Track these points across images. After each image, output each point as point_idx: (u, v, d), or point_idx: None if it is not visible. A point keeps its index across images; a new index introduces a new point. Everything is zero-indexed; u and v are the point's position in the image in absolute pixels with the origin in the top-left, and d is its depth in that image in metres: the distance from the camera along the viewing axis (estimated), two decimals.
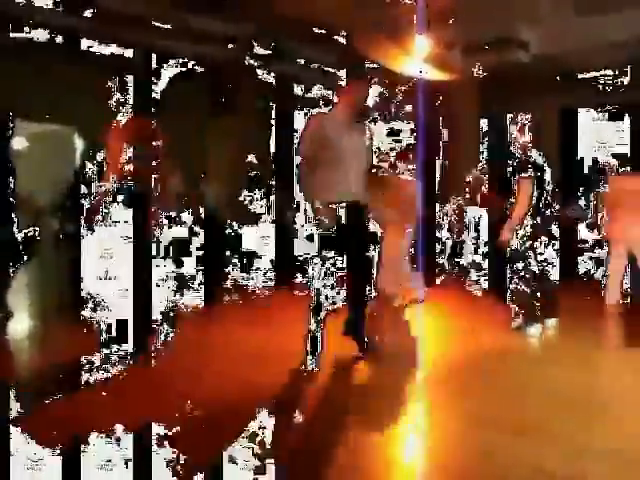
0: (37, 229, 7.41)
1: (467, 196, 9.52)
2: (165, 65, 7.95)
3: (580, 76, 9.16)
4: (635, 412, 3.70)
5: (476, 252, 9.64)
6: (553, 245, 9.07)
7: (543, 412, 3.60)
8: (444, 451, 3.16)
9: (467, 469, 2.91)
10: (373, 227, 6.77)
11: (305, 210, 8.10)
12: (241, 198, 8.81)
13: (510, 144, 6.94)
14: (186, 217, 8.32)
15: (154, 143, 7.19)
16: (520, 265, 5.74)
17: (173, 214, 8.18)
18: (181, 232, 8.24)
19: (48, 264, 7.40)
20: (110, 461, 2.94)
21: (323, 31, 8.51)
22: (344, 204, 4.49)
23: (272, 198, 8.97)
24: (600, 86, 9.06)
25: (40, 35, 6.68)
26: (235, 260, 8.67)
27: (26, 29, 6.58)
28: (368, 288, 4.80)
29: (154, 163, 7.50)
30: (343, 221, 4.46)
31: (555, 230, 9.30)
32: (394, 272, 6.34)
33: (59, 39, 6.83)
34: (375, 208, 5.39)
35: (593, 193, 6.87)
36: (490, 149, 9.99)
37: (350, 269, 4.49)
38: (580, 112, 9.78)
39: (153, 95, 7.86)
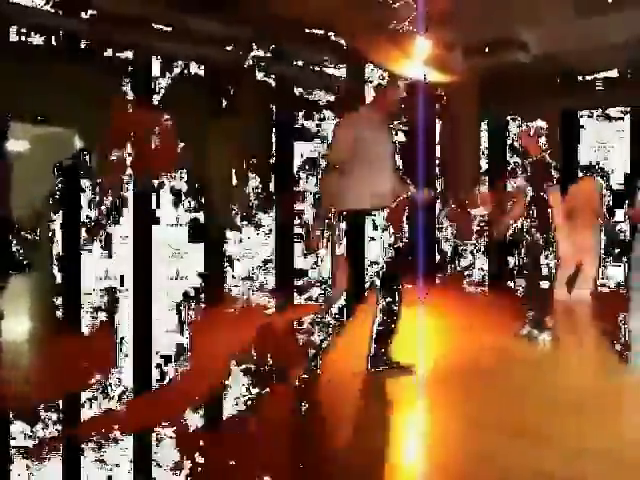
0: (37, 232, 7.42)
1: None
2: (165, 67, 7.96)
3: (580, 77, 9.16)
4: (632, 414, 3.69)
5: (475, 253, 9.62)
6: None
7: (542, 414, 3.58)
8: (444, 453, 3.14)
9: (467, 471, 2.90)
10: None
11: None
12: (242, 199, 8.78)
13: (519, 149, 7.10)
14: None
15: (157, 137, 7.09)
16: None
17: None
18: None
19: (47, 269, 7.39)
20: (109, 462, 2.92)
21: (323, 33, 8.52)
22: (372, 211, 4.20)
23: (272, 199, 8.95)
24: (600, 87, 9.06)
25: (39, 37, 6.68)
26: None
27: (26, 31, 6.59)
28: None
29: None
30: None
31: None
32: None
33: (58, 41, 6.83)
34: None
35: None
36: (491, 151, 10.01)
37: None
38: (580, 113, 9.80)
39: (153, 96, 7.87)
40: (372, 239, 4.21)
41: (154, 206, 7.71)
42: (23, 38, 6.60)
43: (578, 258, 7.02)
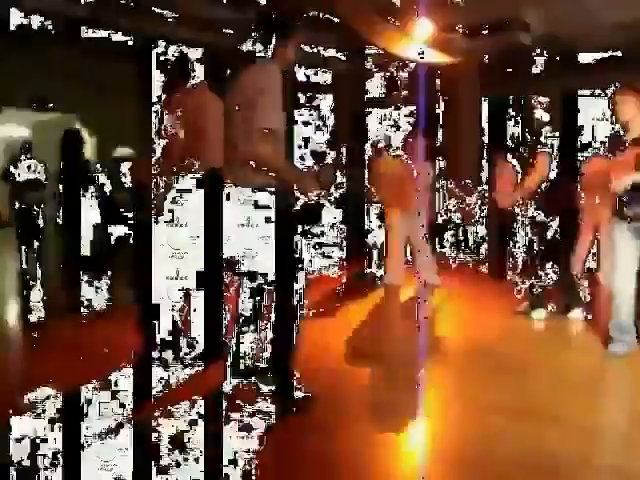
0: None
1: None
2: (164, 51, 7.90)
3: (581, 57, 9.10)
4: (636, 394, 3.73)
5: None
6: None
7: (546, 395, 3.60)
8: (447, 434, 3.14)
9: (469, 452, 2.89)
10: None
11: None
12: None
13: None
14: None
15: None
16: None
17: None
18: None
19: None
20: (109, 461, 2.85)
21: (322, 14, 8.46)
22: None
23: None
24: (601, 67, 9.01)
25: (41, 22, 6.63)
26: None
27: (27, 16, 6.54)
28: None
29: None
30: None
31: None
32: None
33: (59, 26, 6.79)
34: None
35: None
36: (491, 132, 9.97)
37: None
38: (581, 92, 9.76)
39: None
40: None
41: None
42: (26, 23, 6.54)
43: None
